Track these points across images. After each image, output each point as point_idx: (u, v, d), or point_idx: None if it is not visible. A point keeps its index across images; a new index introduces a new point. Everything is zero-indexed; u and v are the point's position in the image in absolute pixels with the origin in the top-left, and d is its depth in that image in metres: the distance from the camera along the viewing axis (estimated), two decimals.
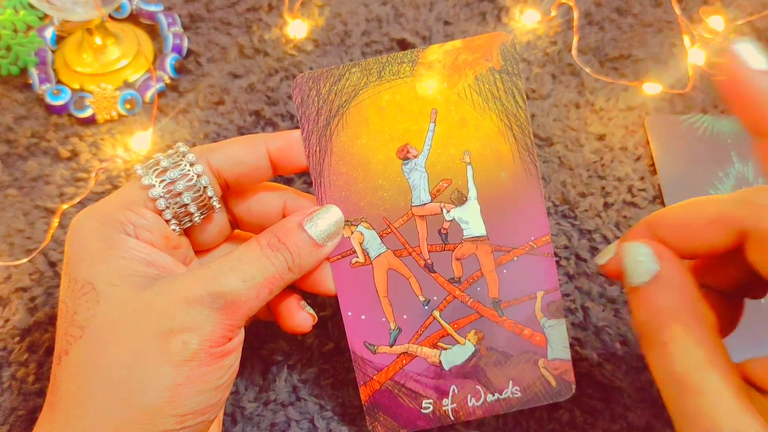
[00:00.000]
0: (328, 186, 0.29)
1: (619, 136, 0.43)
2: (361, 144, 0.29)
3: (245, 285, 0.26)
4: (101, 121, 0.44)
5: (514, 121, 0.29)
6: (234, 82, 0.46)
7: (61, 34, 0.48)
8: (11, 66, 0.46)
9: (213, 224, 0.30)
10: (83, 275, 0.25)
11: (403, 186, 0.30)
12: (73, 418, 0.24)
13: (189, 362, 0.24)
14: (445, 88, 0.29)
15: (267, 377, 0.34)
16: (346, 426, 0.33)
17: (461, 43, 0.29)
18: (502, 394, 0.30)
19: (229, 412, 0.33)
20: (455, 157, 0.30)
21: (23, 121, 0.44)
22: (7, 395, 0.34)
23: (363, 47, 0.48)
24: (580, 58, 0.47)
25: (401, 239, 0.30)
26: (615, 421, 0.33)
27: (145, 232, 0.27)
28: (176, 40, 0.47)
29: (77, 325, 0.25)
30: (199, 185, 0.28)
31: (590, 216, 0.40)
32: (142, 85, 0.45)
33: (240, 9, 0.50)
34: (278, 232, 0.27)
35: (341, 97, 0.29)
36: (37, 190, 0.41)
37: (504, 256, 0.30)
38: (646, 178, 0.41)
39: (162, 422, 0.24)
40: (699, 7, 0.49)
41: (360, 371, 0.30)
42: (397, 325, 0.30)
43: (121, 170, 0.42)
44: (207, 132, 0.43)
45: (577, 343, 0.35)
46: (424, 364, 0.30)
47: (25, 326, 0.36)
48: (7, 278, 0.38)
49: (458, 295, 0.30)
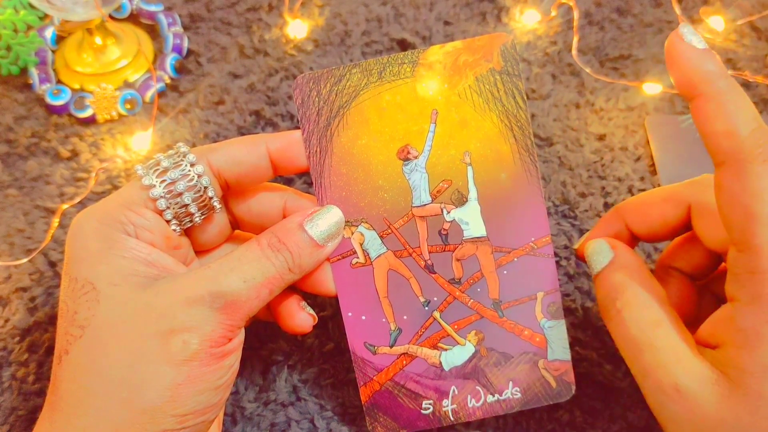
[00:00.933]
0: (328, 186, 0.29)
1: (619, 136, 0.43)
2: (362, 144, 0.29)
3: (246, 285, 0.26)
4: (101, 121, 0.44)
5: (515, 121, 0.29)
6: (234, 82, 0.46)
7: (61, 34, 0.48)
8: (11, 66, 0.46)
9: (213, 224, 0.30)
10: (84, 275, 0.25)
11: (404, 187, 0.30)
12: (74, 418, 0.24)
13: (189, 362, 0.24)
14: (445, 88, 0.29)
15: (267, 377, 0.34)
16: (346, 426, 0.33)
17: (462, 44, 0.29)
18: (502, 395, 0.31)
19: (229, 412, 0.33)
20: (456, 158, 0.30)
21: (23, 121, 0.44)
22: (7, 395, 0.34)
23: (363, 47, 0.48)
24: (580, 58, 0.47)
25: (401, 240, 0.30)
26: (615, 421, 0.33)
27: (146, 232, 0.27)
28: (176, 40, 0.47)
29: (77, 324, 0.25)
30: (199, 185, 0.28)
31: (590, 216, 0.40)
32: (142, 85, 0.45)
33: (240, 9, 0.50)
34: (279, 233, 0.27)
35: (342, 98, 0.29)
36: (37, 190, 0.41)
37: (504, 257, 0.30)
38: (646, 178, 0.41)
39: (162, 422, 0.24)
40: (699, 7, 0.49)
41: (360, 372, 0.30)
42: (397, 326, 0.30)
43: (121, 170, 0.42)
44: (207, 132, 0.43)
45: (577, 344, 0.35)
46: (424, 364, 0.30)
47: (25, 326, 0.36)
48: (7, 278, 0.38)
49: (458, 295, 0.30)
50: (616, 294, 0.27)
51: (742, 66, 0.46)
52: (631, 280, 0.27)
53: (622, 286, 0.27)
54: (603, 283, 0.28)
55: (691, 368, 0.24)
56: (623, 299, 0.27)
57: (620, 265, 0.28)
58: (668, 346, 0.25)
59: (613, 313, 0.27)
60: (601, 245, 0.29)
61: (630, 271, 0.27)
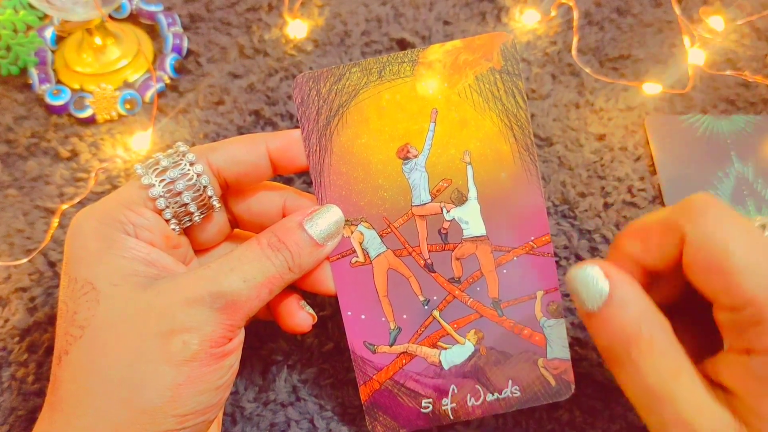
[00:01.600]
0: (328, 185, 0.29)
1: (619, 136, 0.43)
2: (362, 144, 0.29)
3: (246, 285, 0.26)
4: (101, 121, 0.44)
5: (515, 121, 0.29)
6: (234, 82, 0.46)
7: (61, 34, 0.48)
8: (11, 66, 0.46)
9: (213, 224, 0.30)
10: (83, 275, 0.25)
11: (404, 186, 0.30)
12: (74, 418, 0.24)
13: (189, 362, 0.24)
14: (445, 87, 0.29)
15: (267, 377, 0.34)
16: (346, 426, 0.33)
17: (462, 43, 0.29)
18: (501, 393, 0.30)
19: (228, 412, 0.33)
20: (455, 157, 0.30)
21: (23, 121, 0.44)
22: (6, 395, 0.34)
23: (363, 47, 0.48)
24: (580, 58, 0.47)
25: (401, 239, 0.30)
26: (615, 421, 0.33)
27: (145, 232, 0.27)
28: (176, 40, 0.47)
29: (77, 325, 0.25)
30: (199, 185, 0.28)
31: (590, 216, 0.40)
32: (142, 85, 0.45)
33: (240, 9, 0.50)
34: (278, 232, 0.27)
35: (341, 97, 0.29)
36: (37, 190, 0.41)
37: (504, 256, 0.30)
38: (645, 178, 0.41)
39: (162, 422, 0.24)
40: (699, 7, 0.49)
41: (360, 371, 0.30)
42: (396, 325, 0.30)
43: (121, 170, 0.42)
44: (207, 132, 0.43)
45: (577, 343, 0.35)
46: (424, 363, 0.30)
47: (25, 326, 0.36)
48: (7, 278, 0.38)
49: (458, 294, 0.30)
50: (628, 342, 0.24)
51: (742, 66, 0.46)
52: (644, 323, 0.24)
53: (635, 332, 0.24)
54: (605, 328, 0.24)
55: (714, 418, 0.23)
56: (639, 348, 0.24)
57: (623, 302, 0.24)
58: (690, 397, 0.23)
59: (626, 362, 0.24)
60: (592, 274, 0.25)
61: (639, 310, 0.24)
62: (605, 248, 0.38)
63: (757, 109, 0.44)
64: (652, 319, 0.24)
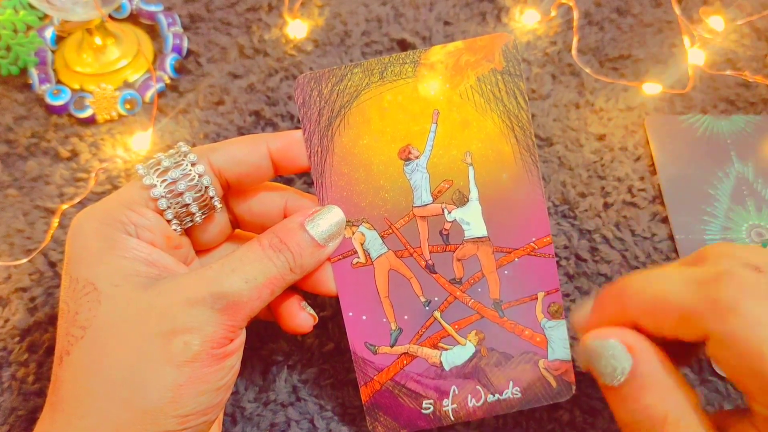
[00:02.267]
0: (329, 186, 0.29)
1: (619, 136, 0.43)
2: (363, 144, 0.29)
3: (247, 286, 0.26)
4: (101, 121, 0.44)
5: (516, 122, 0.30)
6: (234, 82, 0.46)
7: (61, 34, 0.48)
8: (11, 66, 0.46)
9: (214, 224, 0.30)
10: (84, 275, 0.25)
11: (405, 187, 0.30)
12: (75, 419, 0.24)
13: (191, 363, 0.24)
14: (447, 88, 0.29)
15: (267, 377, 0.34)
16: (346, 426, 0.33)
17: (463, 44, 0.29)
18: (502, 394, 0.31)
19: (229, 413, 0.33)
20: (457, 158, 0.30)
21: (23, 121, 0.44)
22: (7, 395, 0.34)
23: (363, 47, 0.48)
24: (580, 58, 0.47)
25: (402, 240, 0.30)
26: (615, 421, 0.33)
27: (147, 232, 0.27)
28: (176, 40, 0.47)
29: (79, 325, 0.25)
30: (200, 185, 0.28)
31: (590, 216, 0.40)
32: (142, 85, 0.45)
33: (240, 9, 0.50)
34: (280, 233, 0.27)
35: (343, 98, 0.29)
36: (37, 190, 0.41)
37: (505, 257, 0.30)
38: (646, 178, 0.41)
39: (163, 423, 0.24)
40: (699, 7, 0.49)
41: (360, 371, 0.30)
42: (397, 326, 0.30)
43: (121, 170, 0.42)
44: (207, 132, 0.43)
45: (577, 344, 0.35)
46: (425, 364, 0.30)
47: (25, 326, 0.36)
48: (7, 278, 0.38)
49: (459, 295, 0.30)
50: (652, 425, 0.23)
51: (742, 66, 0.46)
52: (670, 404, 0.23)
53: (660, 415, 0.23)
54: (630, 405, 0.23)
55: None
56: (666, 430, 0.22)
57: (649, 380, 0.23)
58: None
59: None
60: (615, 349, 0.24)
61: (664, 389, 0.23)
62: (605, 248, 0.39)
63: (757, 109, 0.44)
64: (679, 400, 0.23)
